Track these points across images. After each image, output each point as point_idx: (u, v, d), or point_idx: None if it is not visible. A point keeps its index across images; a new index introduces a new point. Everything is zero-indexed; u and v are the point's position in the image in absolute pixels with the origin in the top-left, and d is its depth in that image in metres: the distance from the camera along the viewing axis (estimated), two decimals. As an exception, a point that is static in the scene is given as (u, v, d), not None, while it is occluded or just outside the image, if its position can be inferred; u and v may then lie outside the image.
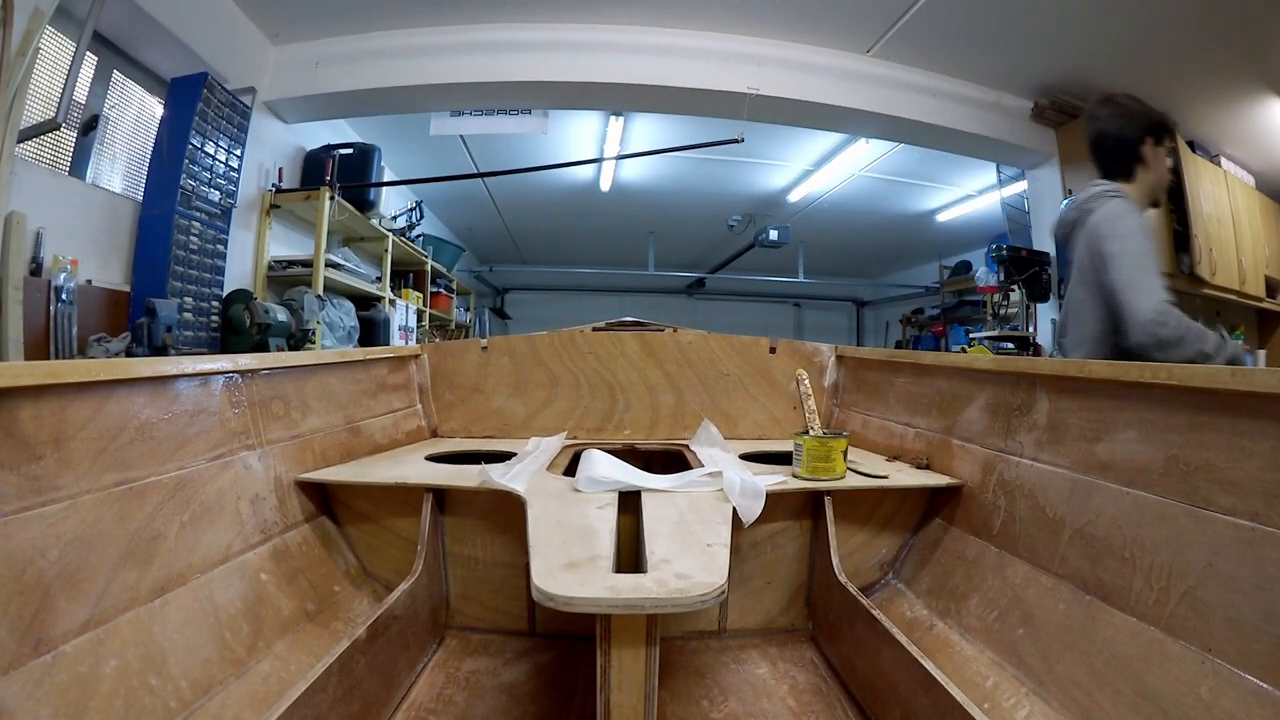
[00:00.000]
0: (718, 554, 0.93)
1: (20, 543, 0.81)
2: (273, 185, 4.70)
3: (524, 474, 1.41)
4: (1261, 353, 6.70)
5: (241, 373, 1.33)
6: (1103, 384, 1.09)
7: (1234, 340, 1.64)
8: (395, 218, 6.01)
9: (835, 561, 1.34)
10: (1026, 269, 5.75)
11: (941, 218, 8.19)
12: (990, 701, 1.02)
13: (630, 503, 1.24)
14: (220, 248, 4.09)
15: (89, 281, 3.42)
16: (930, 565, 1.44)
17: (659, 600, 0.77)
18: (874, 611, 1.14)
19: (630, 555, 1.16)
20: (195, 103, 3.82)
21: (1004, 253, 5.72)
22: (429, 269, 6.77)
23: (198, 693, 0.97)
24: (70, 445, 0.92)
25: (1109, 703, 0.90)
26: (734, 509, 1.20)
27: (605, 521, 1.05)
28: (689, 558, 0.90)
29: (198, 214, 3.88)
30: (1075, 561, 1.08)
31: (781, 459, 1.64)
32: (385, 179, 5.47)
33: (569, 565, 0.85)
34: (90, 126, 3.70)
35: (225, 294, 4.07)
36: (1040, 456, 1.22)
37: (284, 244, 4.82)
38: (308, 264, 4.54)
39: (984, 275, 6.40)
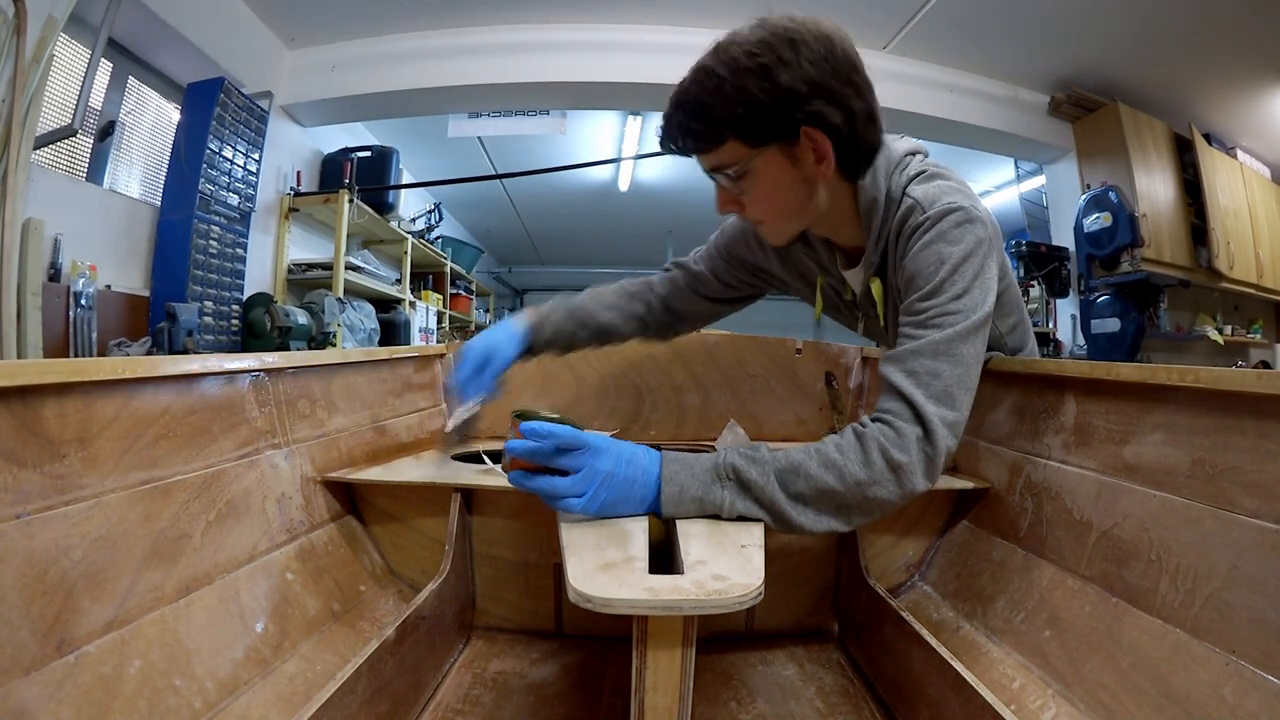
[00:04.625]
0: (753, 555, 0.90)
1: (43, 542, 0.80)
2: (291, 189, 4.72)
3: None
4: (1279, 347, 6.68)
5: (268, 371, 1.32)
6: (1130, 386, 1.07)
7: None
8: (414, 220, 6.04)
9: (863, 563, 1.32)
10: (1046, 264, 5.72)
11: (960, 214, 8.14)
12: (1017, 703, 1.01)
13: (661, 503, 1.22)
14: (240, 251, 4.11)
15: (108, 287, 3.44)
16: (956, 567, 1.41)
17: (697, 601, 0.75)
18: (902, 613, 1.12)
19: (662, 556, 1.14)
20: (212, 107, 3.85)
21: (1023, 248, 5.70)
22: (448, 271, 6.80)
23: (223, 693, 0.95)
24: (95, 444, 0.91)
25: (1134, 704, 0.88)
26: None
27: (638, 522, 1.03)
28: (725, 559, 0.88)
29: (217, 218, 3.90)
30: (1102, 564, 1.06)
31: None
32: (403, 181, 5.48)
33: (604, 566, 0.83)
34: (106, 132, 3.73)
35: (245, 298, 4.09)
36: (1068, 459, 1.20)
37: (303, 247, 4.85)
38: (327, 267, 4.56)
39: (1003, 271, 6.37)
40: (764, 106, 1.09)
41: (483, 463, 1.49)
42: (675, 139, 1.21)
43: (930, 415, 1.01)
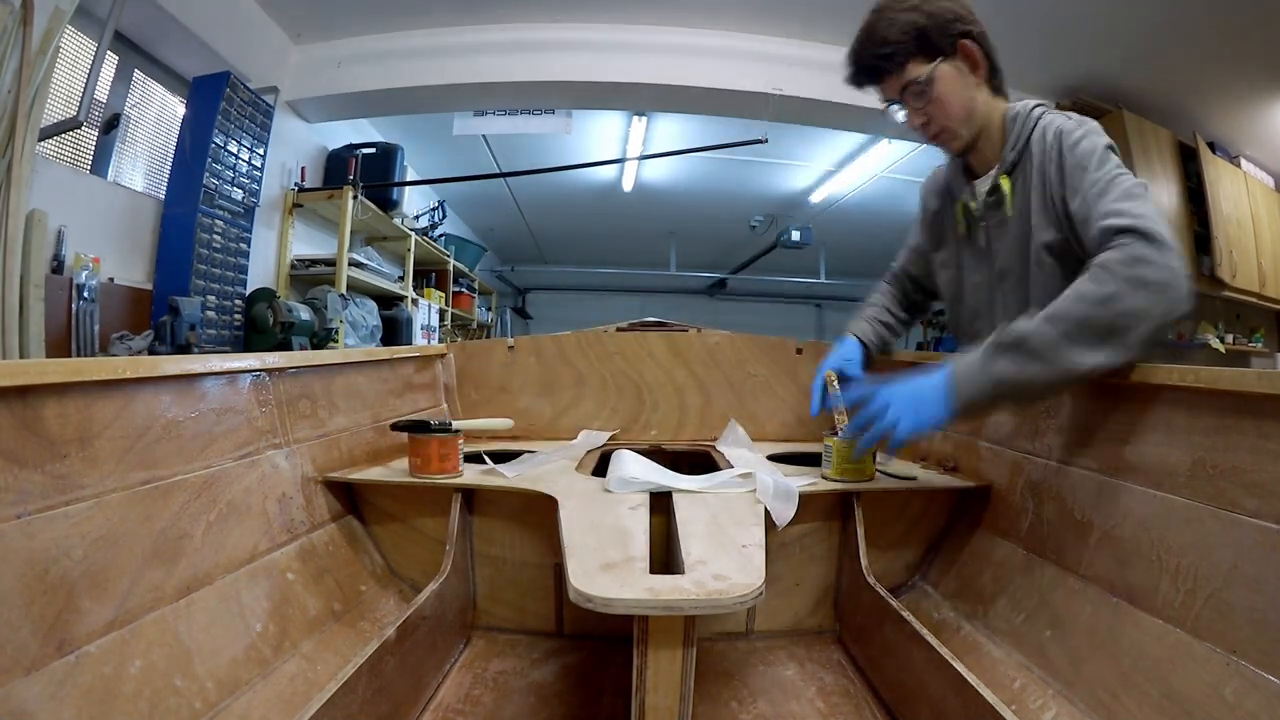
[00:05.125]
0: (753, 555, 0.91)
1: (44, 542, 0.80)
2: (295, 184, 4.72)
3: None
4: (1282, 355, 6.65)
5: (269, 371, 1.32)
6: (1130, 386, 1.07)
7: None
8: (418, 217, 6.03)
9: (864, 563, 1.32)
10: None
11: (964, 218, 8.14)
12: (1018, 703, 1.00)
13: (661, 503, 1.22)
14: (243, 246, 4.11)
15: (111, 279, 3.43)
16: (957, 567, 1.42)
17: (698, 601, 0.76)
18: (903, 613, 1.12)
19: (662, 556, 1.14)
20: (218, 102, 3.85)
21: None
22: (451, 268, 6.81)
23: (224, 693, 0.95)
24: (95, 444, 0.91)
25: (1135, 704, 0.88)
26: (765, 510, 1.19)
27: (639, 522, 1.03)
28: (725, 559, 0.89)
29: (221, 212, 3.89)
30: (1102, 564, 1.06)
31: (808, 460, 1.62)
32: (408, 178, 5.48)
33: (605, 566, 0.83)
34: (111, 125, 3.72)
35: (248, 293, 4.08)
36: (1068, 459, 1.20)
37: (306, 243, 4.85)
38: (330, 263, 4.56)
39: (1007, 275, 6.36)
40: (925, 29, 1.42)
41: (483, 463, 1.49)
42: (864, 73, 1.51)
43: (1142, 222, 1.16)
